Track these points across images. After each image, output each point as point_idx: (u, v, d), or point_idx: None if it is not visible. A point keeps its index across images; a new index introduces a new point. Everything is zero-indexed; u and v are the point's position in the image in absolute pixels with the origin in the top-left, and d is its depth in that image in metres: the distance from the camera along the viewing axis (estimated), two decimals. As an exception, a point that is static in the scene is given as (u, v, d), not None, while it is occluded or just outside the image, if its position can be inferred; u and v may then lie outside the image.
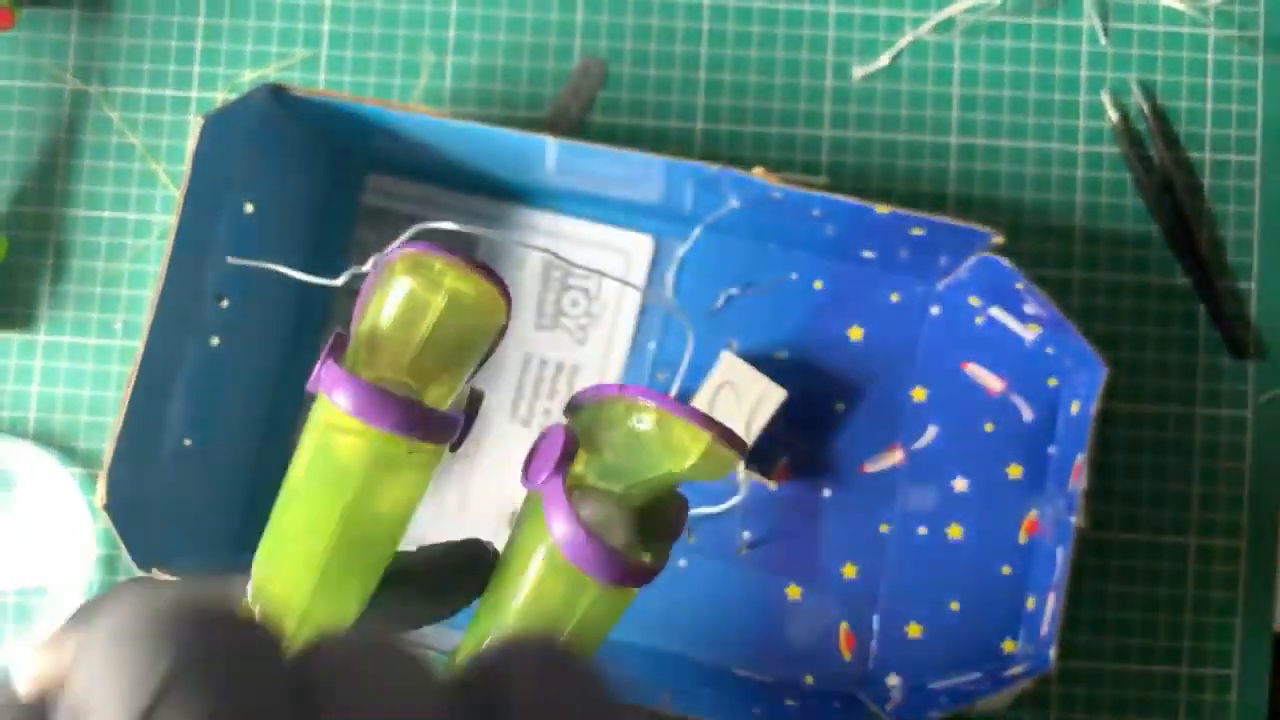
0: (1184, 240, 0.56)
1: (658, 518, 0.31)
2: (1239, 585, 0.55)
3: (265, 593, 0.29)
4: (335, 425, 0.29)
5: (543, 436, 0.31)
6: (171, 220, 0.46)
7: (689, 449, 0.29)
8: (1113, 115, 0.56)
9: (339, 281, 0.36)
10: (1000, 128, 0.57)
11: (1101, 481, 0.55)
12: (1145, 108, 0.56)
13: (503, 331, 0.31)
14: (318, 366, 0.29)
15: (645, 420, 0.29)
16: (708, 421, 0.29)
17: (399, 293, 0.29)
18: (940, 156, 0.57)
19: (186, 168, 0.45)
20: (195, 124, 0.45)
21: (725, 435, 0.29)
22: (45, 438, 0.56)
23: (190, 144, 0.45)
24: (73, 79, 0.57)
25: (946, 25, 0.57)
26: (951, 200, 0.57)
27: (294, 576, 0.29)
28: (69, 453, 0.56)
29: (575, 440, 0.30)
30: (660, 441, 0.29)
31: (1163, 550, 0.55)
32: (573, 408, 0.31)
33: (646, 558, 0.30)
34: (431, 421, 0.29)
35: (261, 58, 0.57)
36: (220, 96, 0.57)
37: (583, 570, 0.29)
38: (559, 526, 0.29)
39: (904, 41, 0.57)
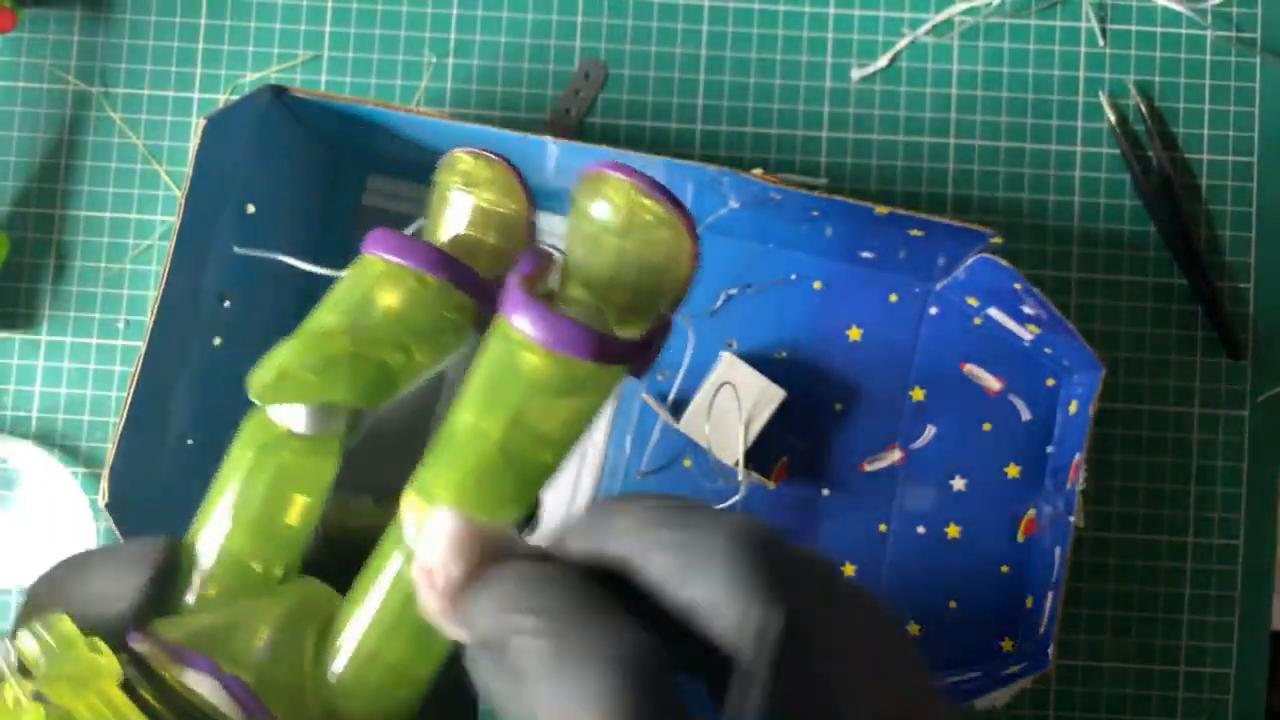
0: (1181, 240, 0.56)
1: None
2: (1236, 584, 0.55)
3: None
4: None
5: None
6: (174, 221, 0.46)
7: (613, 200, 0.30)
8: (1110, 116, 0.57)
9: (343, 273, 0.36)
10: (998, 129, 0.57)
11: (1099, 481, 0.56)
12: (1143, 109, 0.57)
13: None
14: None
15: (583, 187, 0.30)
16: (631, 171, 0.29)
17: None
18: (939, 157, 0.57)
19: (188, 169, 0.46)
20: (197, 125, 0.46)
21: (648, 184, 0.29)
22: (47, 437, 0.56)
23: (192, 145, 0.46)
24: (75, 80, 0.57)
25: (945, 27, 0.57)
26: (950, 201, 0.57)
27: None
28: (71, 452, 0.56)
29: (545, 254, 0.31)
30: (589, 200, 0.30)
31: (1160, 549, 0.56)
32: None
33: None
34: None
35: (263, 59, 0.57)
36: (222, 98, 0.57)
37: (544, 345, 0.29)
38: (519, 315, 0.29)
39: (902, 43, 0.57)
